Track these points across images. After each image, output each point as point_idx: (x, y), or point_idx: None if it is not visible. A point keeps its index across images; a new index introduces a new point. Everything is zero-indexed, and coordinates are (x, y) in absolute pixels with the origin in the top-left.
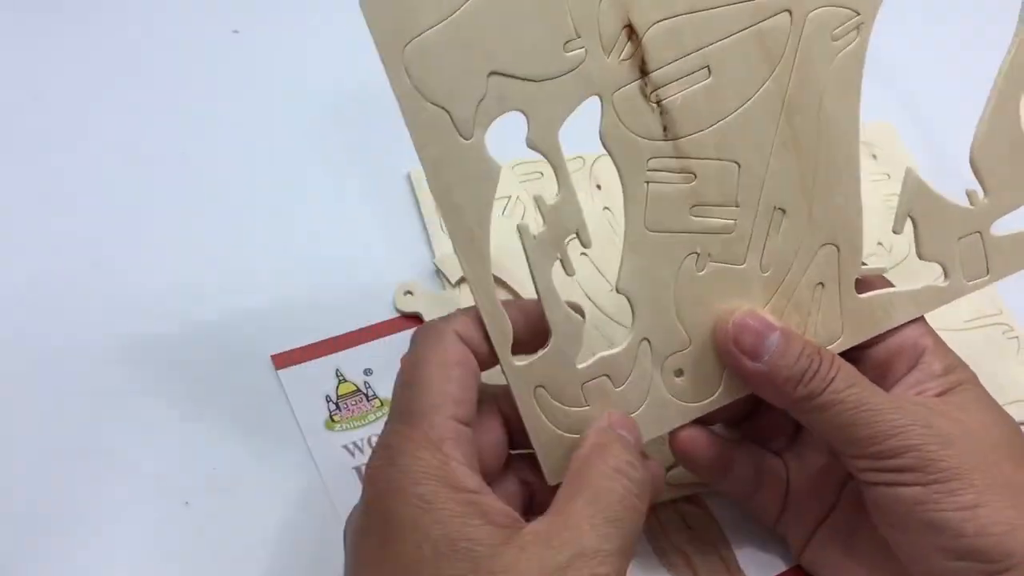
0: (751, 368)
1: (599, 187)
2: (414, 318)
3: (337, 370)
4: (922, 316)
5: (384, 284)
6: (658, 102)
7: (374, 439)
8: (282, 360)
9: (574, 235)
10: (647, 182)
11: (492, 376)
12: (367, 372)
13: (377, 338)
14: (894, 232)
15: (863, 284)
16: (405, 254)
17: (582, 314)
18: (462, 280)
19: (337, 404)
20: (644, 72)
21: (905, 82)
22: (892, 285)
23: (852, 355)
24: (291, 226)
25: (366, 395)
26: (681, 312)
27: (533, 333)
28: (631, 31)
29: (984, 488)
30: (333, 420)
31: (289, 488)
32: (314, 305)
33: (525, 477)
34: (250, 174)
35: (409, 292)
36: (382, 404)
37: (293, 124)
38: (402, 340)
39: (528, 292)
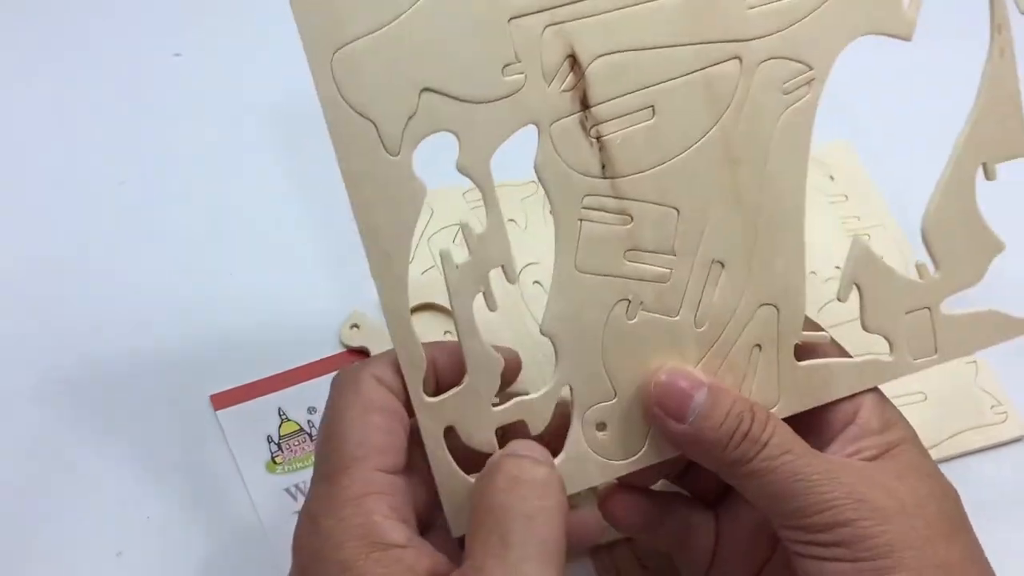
0: (677, 430)
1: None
2: (360, 353)
3: (280, 409)
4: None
5: (329, 317)
6: (598, 138)
7: None
8: (221, 400)
9: (500, 267)
10: (580, 220)
11: None
12: (311, 411)
13: (322, 374)
14: (839, 300)
15: (806, 350)
16: (351, 285)
17: (518, 360)
18: (413, 311)
19: (279, 445)
20: (585, 105)
21: (861, 98)
22: (840, 349)
23: None
24: (232, 256)
25: (309, 434)
26: (608, 361)
27: (456, 375)
28: (574, 62)
29: (915, 567)
30: (275, 462)
31: (227, 535)
32: (255, 341)
33: None
34: (190, 202)
35: (355, 325)
36: None
37: (235, 149)
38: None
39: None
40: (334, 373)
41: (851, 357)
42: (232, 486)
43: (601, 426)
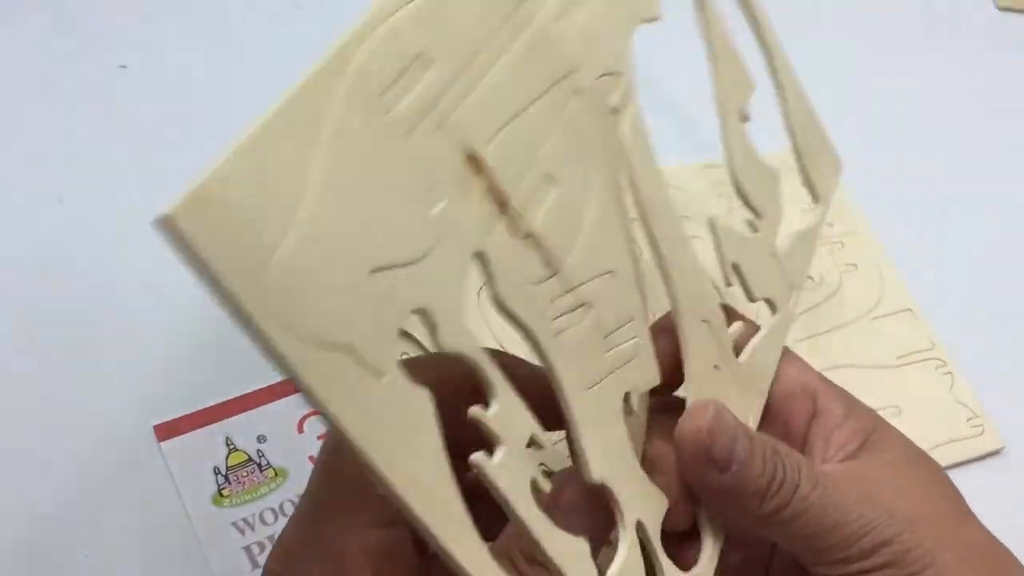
0: (718, 483)
1: None
2: None
3: (227, 438)
4: (795, 354)
5: None
6: (528, 235)
7: (267, 514)
8: (165, 431)
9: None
10: (557, 334)
11: None
12: (261, 439)
13: (271, 401)
14: (728, 285)
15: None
16: None
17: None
18: None
19: (226, 476)
20: (503, 204)
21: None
22: (745, 318)
23: None
24: (174, 276)
25: (259, 464)
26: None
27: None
28: (475, 161)
29: (955, 564)
30: (222, 495)
31: (171, 574)
32: (201, 367)
33: None
34: (131, 219)
35: None
36: (276, 474)
37: (181, 162)
38: (300, 401)
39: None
40: (286, 399)
41: (751, 320)
42: (176, 522)
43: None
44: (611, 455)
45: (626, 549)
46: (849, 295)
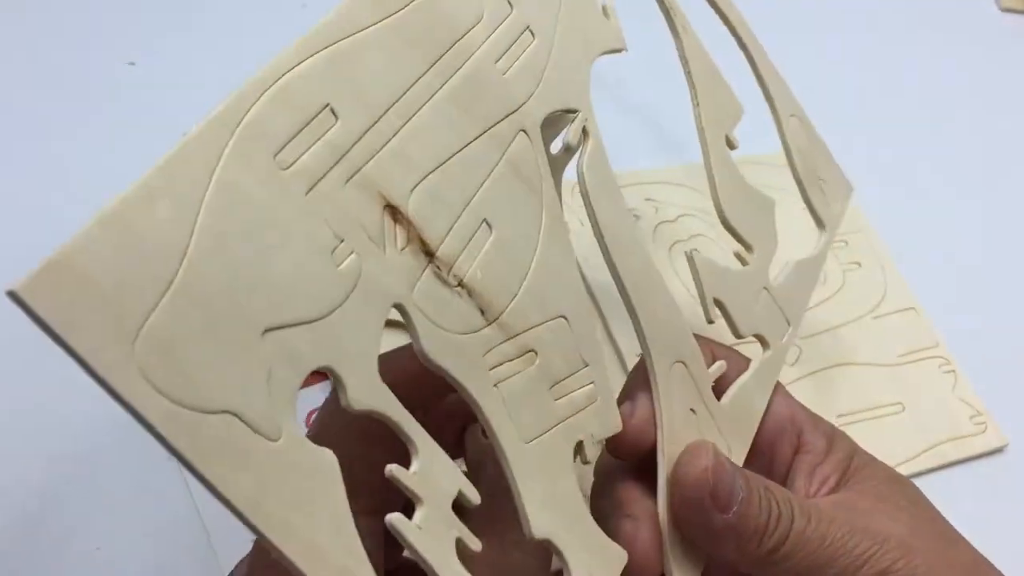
0: (721, 524)
1: None
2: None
3: None
4: (780, 385)
5: None
6: (459, 283)
7: None
8: None
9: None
10: (496, 385)
11: None
12: None
13: None
14: (709, 322)
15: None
16: None
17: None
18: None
19: None
20: (429, 253)
21: (827, 106)
22: (737, 353)
23: None
24: None
25: None
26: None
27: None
28: (394, 211)
29: None
30: None
31: (181, 567)
32: None
33: None
34: None
35: None
36: None
37: None
38: (316, 389)
39: None
40: (305, 389)
41: (741, 356)
42: (187, 515)
43: None
44: (558, 509)
45: None
46: (852, 293)
